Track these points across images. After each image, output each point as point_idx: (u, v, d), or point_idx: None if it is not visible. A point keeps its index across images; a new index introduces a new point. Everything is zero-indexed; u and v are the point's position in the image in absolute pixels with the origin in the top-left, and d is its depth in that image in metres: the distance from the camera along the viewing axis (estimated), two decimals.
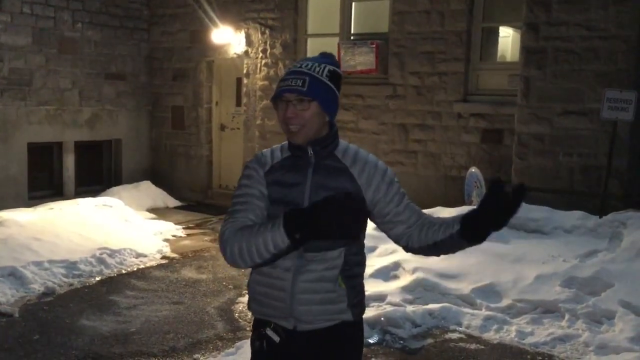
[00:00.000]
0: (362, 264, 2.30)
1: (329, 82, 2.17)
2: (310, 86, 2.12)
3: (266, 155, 2.29)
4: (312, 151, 2.18)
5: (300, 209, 2.03)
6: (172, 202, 10.21)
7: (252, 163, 2.28)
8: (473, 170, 7.37)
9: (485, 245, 6.44)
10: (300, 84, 2.11)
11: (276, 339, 2.19)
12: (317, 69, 2.17)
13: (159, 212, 9.36)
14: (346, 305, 2.18)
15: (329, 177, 2.16)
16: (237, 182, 2.31)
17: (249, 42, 9.73)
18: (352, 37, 8.85)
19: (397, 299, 5.37)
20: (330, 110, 2.19)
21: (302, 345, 2.19)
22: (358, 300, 2.24)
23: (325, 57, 2.26)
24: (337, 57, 2.67)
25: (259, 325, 2.26)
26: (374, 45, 8.29)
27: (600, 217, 6.23)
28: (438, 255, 2.24)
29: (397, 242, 2.26)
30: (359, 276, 2.28)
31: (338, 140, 2.25)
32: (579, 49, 6.77)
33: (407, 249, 2.25)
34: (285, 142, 2.26)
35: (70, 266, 6.33)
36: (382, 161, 2.30)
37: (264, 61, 9.59)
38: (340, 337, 2.20)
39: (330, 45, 8.57)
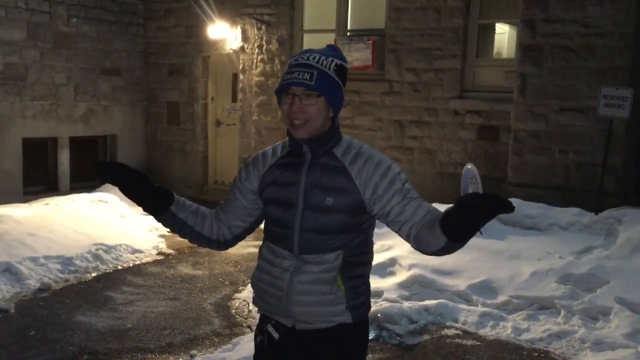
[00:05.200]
0: (366, 264, 2.22)
1: (336, 77, 2.10)
2: (319, 81, 2.04)
3: (267, 153, 2.27)
4: (308, 149, 2.12)
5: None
6: None
7: (255, 158, 2.28)
8: (469, 166, 7.34)
9: (481, 242, 6.47)
10: (307, 78, 2.03)
11: (275, 335, 2.20)
12: (325, 62, 2.09)
13: None
14: (344, 307, 2.12)
15: (325, 176, 2.10)
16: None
17: (245, 38, 9.71)
18: (348, 33, 8.84)
19: (393, 295, 5.37)
20: (336, 106, 2.13)
21: (301, 344, 2.18)
22: (360, 301, 2.17)
23: (333, 51, 2.18)
24: None
25: (262, 321, 2.28)
26: (371, 42, 8.29)
27: (596, 213, 6.25)
28: (442, 254, 2.00)
29: (410, 243, 2.08)
30: (362, 276, 2.20)
31: (340, 137, 2.17)
32: (575, 46, 6.78)
33: (422, 252, 2.04)
34: (287, 139, 2.22)
35: (66, 262, 6.31)
36: (387, 156, 2.19)
37: (260, 57, 9.57)
38: (339, 338, 2.16)
39: (327, 41, 8.52)
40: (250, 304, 5.51)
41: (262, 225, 2.35)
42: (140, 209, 2.25)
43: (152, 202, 2.19)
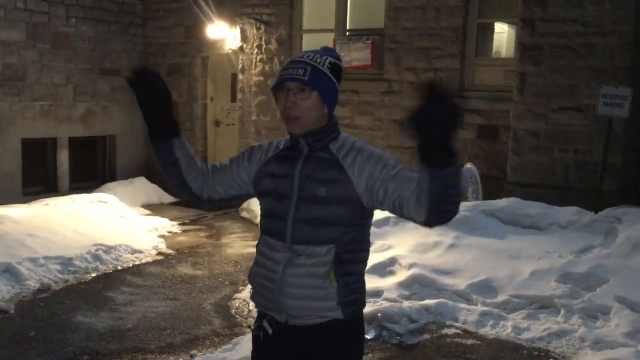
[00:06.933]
0: (360, 262, 2.24)
1: (329, 74, 2.16)
2: (312, 75, 2.11)
3: (272, 144, 2.34)
4: (305, 143, 2.18)
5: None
6: (167, 198, 10.16)
7: (262, 145, 2.35)
8: (469, 166, 7.37)
9: (481, 241, 6.44)
10: (301, 73, 2.11)
11: (269, 331, 2.22)
12: (319, 60, 2.16)
13: (154, 208, 9.33)
14: (336, 304, 2.13)
15: (319, 168, 2.15)
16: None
17: (244, 38, 9.70)
18: (347, 33, 8.84)
19: (393, 294, 5.37)
20: (329, 102, 2.18)
21: (293, 340, 2.19)
22: (352, 298, 2.18)
23: (327, 51, 2.26)
24: None
25: (259, 317, 2.31)
26: (370, 41, 8.29)
27: (596, 212, 6.25)
28: (441, 211, 1.95)
29: (418, 220, 2.00)
30: (356, 274, 2.21)
31: (337, 134, 2.23)
32: (574, 45, 6.78)
33: (426, 223, 1.99)
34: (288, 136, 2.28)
35: (66, 262, 6.31)
36: (381, 149, 2.22)
37: (259, 57, 9.57)
38: (330, 334, 2.16)
39: (326, 41, 8.55)
40: (251, 303, 5.51)
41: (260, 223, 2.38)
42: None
43: (162, 126, 2.28)
